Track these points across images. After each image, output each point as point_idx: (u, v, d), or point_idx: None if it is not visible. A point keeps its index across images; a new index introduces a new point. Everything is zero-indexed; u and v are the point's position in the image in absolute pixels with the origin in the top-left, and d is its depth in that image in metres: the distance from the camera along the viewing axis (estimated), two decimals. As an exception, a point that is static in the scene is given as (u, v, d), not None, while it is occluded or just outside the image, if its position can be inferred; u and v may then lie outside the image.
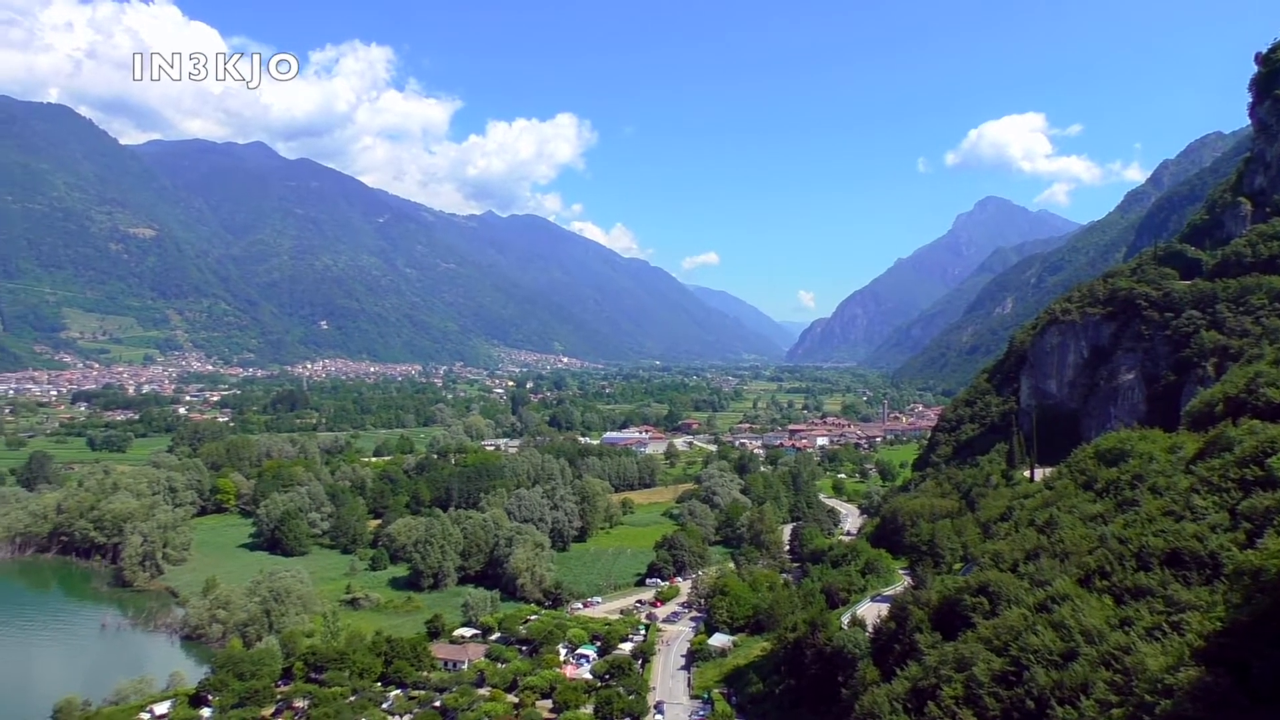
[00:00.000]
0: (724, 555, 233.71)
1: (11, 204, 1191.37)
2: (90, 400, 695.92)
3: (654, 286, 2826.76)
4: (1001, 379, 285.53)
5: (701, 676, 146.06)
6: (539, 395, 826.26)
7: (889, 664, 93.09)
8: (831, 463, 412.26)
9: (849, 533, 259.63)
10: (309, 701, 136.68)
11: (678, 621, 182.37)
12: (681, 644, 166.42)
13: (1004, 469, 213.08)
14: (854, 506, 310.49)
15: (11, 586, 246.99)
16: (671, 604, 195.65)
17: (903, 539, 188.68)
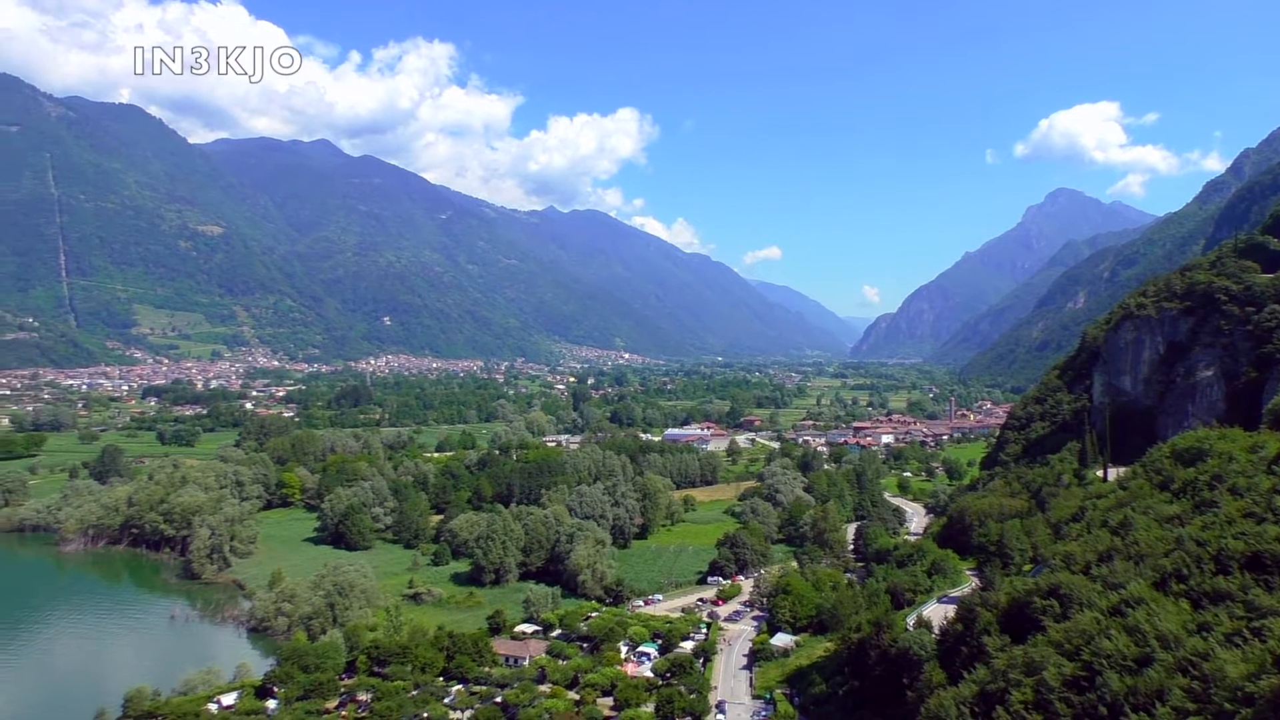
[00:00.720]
0: (786, 554, 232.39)
1: (85, 202, 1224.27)
2: (160, 395, 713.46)
3: (716, 282, 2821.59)
4: (1073, 376, 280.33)
5: (764, 676, 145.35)
6: (600, 391, 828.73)
7: (956, 667, 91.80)
8: (897, 461, 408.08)
9: (914, 532, 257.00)
10: (372, 695, 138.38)
11: (739, 620, 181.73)
12: (743, 643, 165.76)
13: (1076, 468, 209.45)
14: (920, 506, 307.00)
15: (85, 577, 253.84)
16: (733, 603, 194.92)
17: (970, 539, 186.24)
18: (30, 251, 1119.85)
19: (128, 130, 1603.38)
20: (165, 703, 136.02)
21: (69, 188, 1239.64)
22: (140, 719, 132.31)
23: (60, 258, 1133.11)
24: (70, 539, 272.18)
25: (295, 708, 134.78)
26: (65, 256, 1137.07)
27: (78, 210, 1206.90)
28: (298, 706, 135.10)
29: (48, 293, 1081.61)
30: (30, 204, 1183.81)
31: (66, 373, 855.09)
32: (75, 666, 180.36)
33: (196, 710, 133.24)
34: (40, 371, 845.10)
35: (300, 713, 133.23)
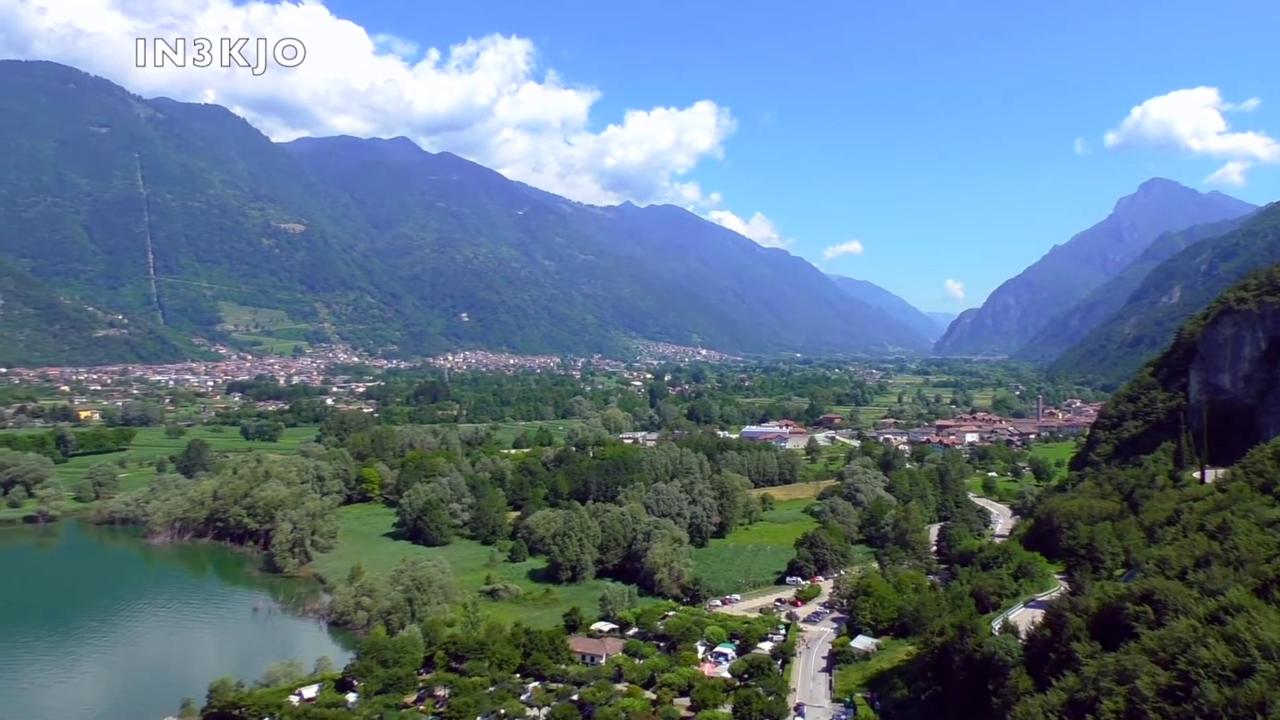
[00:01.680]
0: (867, 555, 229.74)
1: (172, 201, 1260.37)
2: (244, 391, 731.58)
3: (794, 277, 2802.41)
4: (1168, 373, 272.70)
5: (843, 679, 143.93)
6: (677, 388, 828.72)
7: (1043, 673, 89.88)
8: (981, 460, 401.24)
9: (1000, 534, 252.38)
10: (449, 690, 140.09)
11: (819, 622, 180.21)
12: (823, 645, 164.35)
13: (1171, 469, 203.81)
14: (1005, 506, 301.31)
15: (172, 570, 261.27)
16: (812, 604, 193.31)
17: (1059, 542, 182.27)
18: (120, 250, 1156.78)
19: (213, 130, 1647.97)
20: (248, 694, 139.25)
21: (157, 187, 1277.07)
22: (224, 710, 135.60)
23: (149, 256, 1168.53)
24: (158, 531, 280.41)
25: (374, 701, 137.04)
26: (153, 255, 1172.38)
27: (165, 209, 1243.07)
28: (377, 700, 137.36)
29: (137, 290, 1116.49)
30: (120, 203, 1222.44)
31: (155, 368, 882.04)
32: (162, 656, 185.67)
33: (278, 702, 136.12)
34: (130, 367, 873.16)
35: (379, 706, 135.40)
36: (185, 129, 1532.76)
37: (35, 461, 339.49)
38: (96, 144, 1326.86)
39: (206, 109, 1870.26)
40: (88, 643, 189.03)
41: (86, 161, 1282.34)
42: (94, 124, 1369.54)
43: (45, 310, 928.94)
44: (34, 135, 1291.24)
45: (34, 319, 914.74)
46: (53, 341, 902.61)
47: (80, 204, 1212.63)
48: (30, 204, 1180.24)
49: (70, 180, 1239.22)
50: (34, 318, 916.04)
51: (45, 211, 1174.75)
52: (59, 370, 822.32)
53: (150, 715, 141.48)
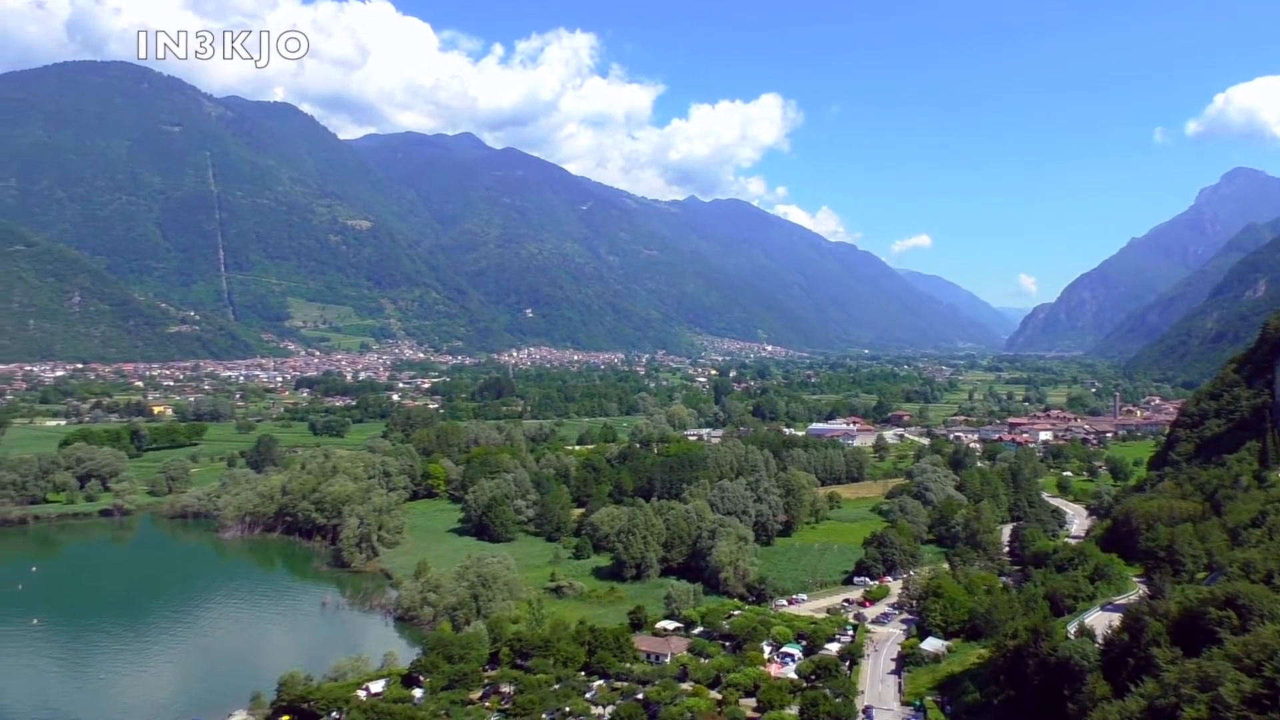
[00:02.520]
0: (937, 555, 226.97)
1: (242, 199, 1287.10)
2: (312, 386, 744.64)
3: (862, 271, 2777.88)
4: (1253, 370, 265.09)
5: (913, 682, 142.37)
6: (742, 384, 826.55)
7: (1121, 679, 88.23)
8: (1056, 459, 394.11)
9: (1075, 535, 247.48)
10: (515, 687, 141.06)
11: (887, 623, 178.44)
12: (891, 647, 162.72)
13: (1255, 469, 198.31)
14: (1081, 507, 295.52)
15: (242, 563, 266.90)
16: (881, 604, 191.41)
17: (1137, 543, 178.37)
18: (192, 247, 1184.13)
19: (281, 128, 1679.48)
20: (316, 688, 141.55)
21: (227, 185, 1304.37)
22: (293, 703, 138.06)
23: (219, 253, 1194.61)
24: (228, 526, 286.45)
25: (440, 697, 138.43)
26: (224, 252, 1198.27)
27: (235, 206, 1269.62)
28: (443, 696, 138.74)
29: (208, 287, 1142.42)
30: (192, 201, 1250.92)
31: (225, 364, 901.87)
32: (233, 648, 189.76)
33: (346, 697, 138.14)
34: (201, 363, 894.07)
35: (445, 702, 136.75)
36: (255, 127, 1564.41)
37: (111, 456, 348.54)
38: (169, 142, 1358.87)
39: (275, 107, 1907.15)
40: (161, 635, 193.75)
41: (159, 160, 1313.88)
42: (167, 123, 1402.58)
43: (120, 307, 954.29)
44: (109, 135, 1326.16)
45: (109, 315, 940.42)
46: (127, 338, 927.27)
47: (154, 202, 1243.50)
48: (105, 202, 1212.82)
49: (144, 179, 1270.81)
50: (109, 314, 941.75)
51: (120, 210, 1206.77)
52: (133, 366, 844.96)
53: (221, 707, 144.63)
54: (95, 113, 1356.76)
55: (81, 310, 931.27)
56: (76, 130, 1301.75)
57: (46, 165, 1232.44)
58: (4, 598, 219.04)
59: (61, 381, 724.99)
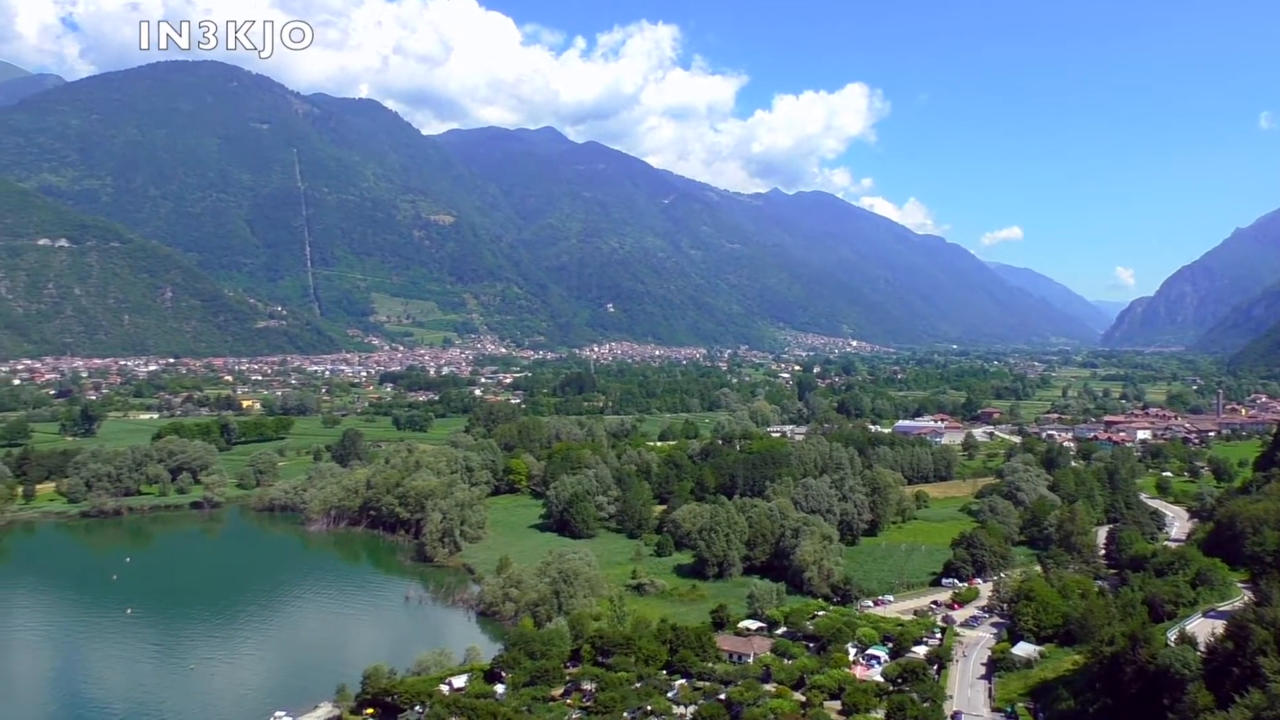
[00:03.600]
0: (1028, 557, 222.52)
1: (328, 195, 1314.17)
2: (395, 381, 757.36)
3: (950, 265, 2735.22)
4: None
5: (1004, 688, 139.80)
6: (826, 380, 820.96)
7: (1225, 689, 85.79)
8: (1154, 459, 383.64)
9: (1175, 538, 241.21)
10: (596, 685, 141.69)
11: (977, 626, 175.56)
12: (981, 651, 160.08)
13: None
14: (1181, 509, 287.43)
15: (328, 556, 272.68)
16: (970, 607, 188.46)
17: (1242, 548, 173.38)
18: (279, 243, 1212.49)
19: (366, 124, 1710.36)
20: (400, 681, 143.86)
21: (314, 181, 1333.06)
22: (377, 696, 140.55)
23: (306, 249, 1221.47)
24: (314, 519, 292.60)
25: (522, 693, 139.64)
26: (310, 247, 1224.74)
27: (321, 202, 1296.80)
28: (524, 692, 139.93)
29: (295, 282, 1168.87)
30: (279, 198, 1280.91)
31: (311, 359, 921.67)
32: (318, 641, 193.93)
33: (429, 691, 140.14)
34: (288, 358, 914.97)
35: (527, 699, 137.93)
36: (340, 124, 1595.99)
37: (201, 449, 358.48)
38: (257, 140, 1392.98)
39: (360, 103, 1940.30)
40: (249, 626, 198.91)
41: (248, 157, 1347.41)
42: (255, 120, 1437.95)
43: (210, 302, 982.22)
44: (200, 133, 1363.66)
45: (200, 311, 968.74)
46: (217, 333, 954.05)
47: (242, 199, 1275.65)
48: (197, 199, 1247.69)
49: (233, 176, 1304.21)
50: (200, 309, 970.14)
51: (210, 207, 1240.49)
52: (223, 360, 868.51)
53: (307, 699, 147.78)
54: (187, 112, 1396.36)
55: (174, 306, 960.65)
56: (169, 129, 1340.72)
57: (141, 164, 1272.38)
58: (100, 588, 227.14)
59: (154, 376, 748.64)
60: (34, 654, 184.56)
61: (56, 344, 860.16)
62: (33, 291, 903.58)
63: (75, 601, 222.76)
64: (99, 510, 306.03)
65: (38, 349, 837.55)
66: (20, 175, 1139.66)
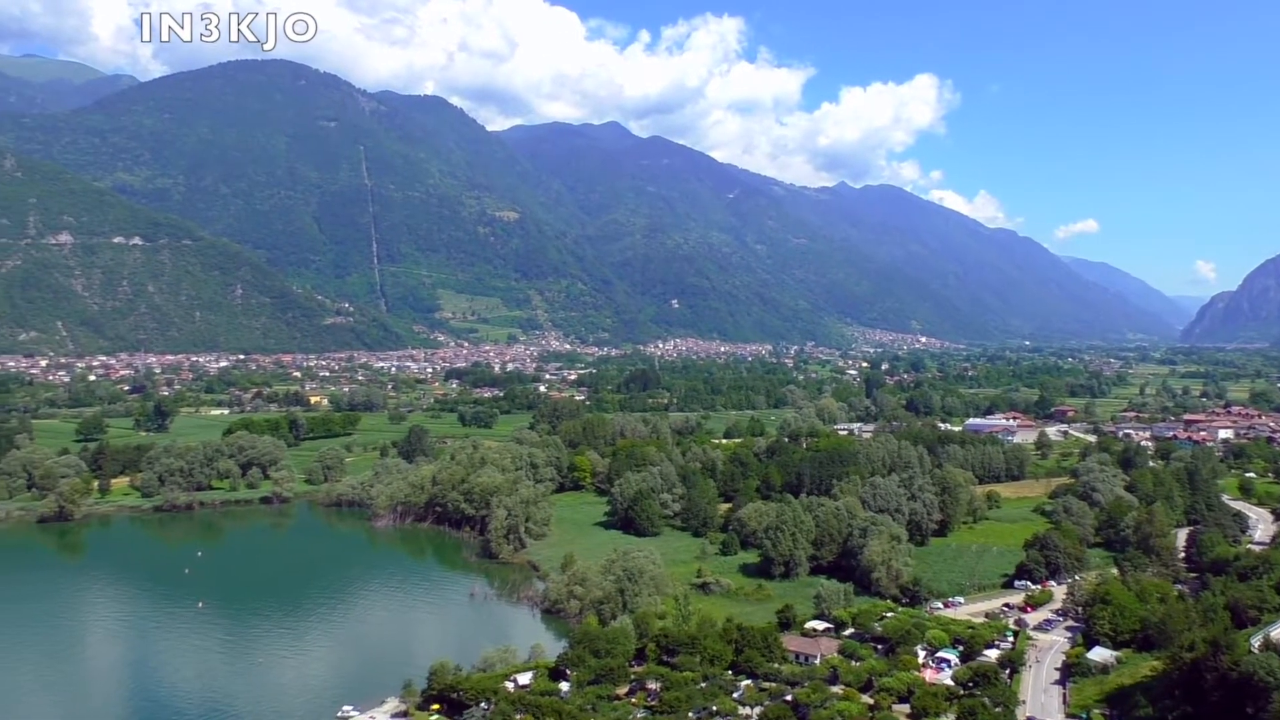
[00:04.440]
0: (1105, 559, 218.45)
1: (394, 192, 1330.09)
2: (461, 378, 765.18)
3: (1023, 259, 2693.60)
4: None
5: (1079, 694, 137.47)
6: (895, 377, 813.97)
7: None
8: (1237, 459, 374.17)
9: (1259, 541, 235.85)
10: (661, 684, 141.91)
11: (1051, 630, 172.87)
12: (1055, 655, 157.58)
13: None
14: (1265, 511, 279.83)
15: (394, 552, 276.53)
16: (1043, 610, 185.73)
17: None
18: (347, 240, 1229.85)
19: (432, 121, 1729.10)
20: (466, 678, 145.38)
21: (380, 178, 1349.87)
22: (443, 692, 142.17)
23: (373, 245, 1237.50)
24: (381, 515, 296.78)
25: (587, 691, 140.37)
26: (377, 244, 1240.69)
27: (388, 199, 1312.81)
28: (589, 690, 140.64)
29: (362, 279, 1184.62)
30: (347, 195, 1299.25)
31: (378, 355, 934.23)
32: (385, 636, 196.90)
33: (494, 687, 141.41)
34: (355, 354, 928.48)
35: (591, 697, 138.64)
36: (406, 120, 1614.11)
37: (271, 445, 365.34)
38: (325, 137, 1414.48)
39: (426, 100, 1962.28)
40: (317, 620, 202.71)
41: (316, 155, 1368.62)
42: (323, 118, 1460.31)
43: (279, 299, 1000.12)
44: (269, 131, 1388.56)
45: (269, 307, 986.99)
46: (286, 329, 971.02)
47: (310, 196, 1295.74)
48: (265, 197, 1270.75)
49: (301, 173, 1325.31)
50: (269, 306, 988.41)
51: (279, 204, 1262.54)
52: (292, 357, 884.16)
53: (373, 694, 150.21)
54: (256, 110, 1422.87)
55: (244, 302, 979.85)
56: (239, 128, 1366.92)
57: (211, 162, 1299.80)
58: (173, 581, 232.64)
59: (225, 372, 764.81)
60: (110, 645, 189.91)
61: (131, 340, 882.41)
62: (108, 289, 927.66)
63: (149, 594, 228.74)
64: (171, 505, 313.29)
65: (112, 345, 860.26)
66: (96, 175, 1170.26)
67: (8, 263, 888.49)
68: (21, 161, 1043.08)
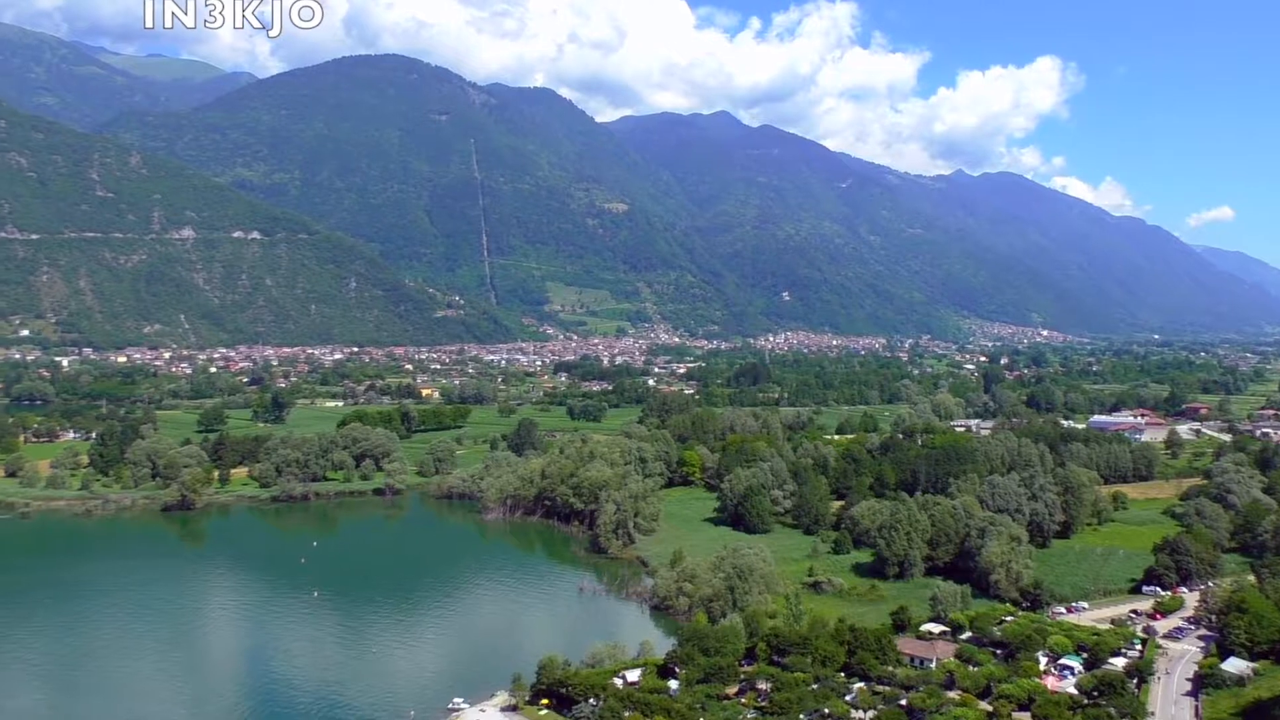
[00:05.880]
0: (1240, 565, 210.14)
1: (504, 184, 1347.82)
2: (570, 371, 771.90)
3: (1151, 248, 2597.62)
4: None
5: (1212, 707, 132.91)
6: (1014, 372, 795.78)
7: None
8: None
9: None
10: (771, 685, 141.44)
11: (1182, 639, 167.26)
12: (1186, 666, 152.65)
13: None
14: None
15: (503, 545, 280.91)
16: (1173, 617, 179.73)
17: None
18: (457, 233, 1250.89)
19: (541, 113, 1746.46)
20: (575, 673, 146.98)
21: (490, 171, 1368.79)
22: (552, 686, 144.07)
23: (482, 238, 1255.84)
24: (491, 508, 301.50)
25: (696, 690, 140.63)
26: (487, 237, 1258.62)
27: (498, 192, 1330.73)
28: (698, 689, 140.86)
29: (472, 272, 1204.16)
30: (457, 188, 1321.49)
31: (488, 348, 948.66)
32: (494, 629, 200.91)
33: (603, 684, 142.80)
34: (465, 347, 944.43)
35: (701, 696, 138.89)
36: (516, 113, 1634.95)
37: (384, 437, 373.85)
38: (436, 131, 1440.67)
39: (535, 92, 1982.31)
40: (428, 612, 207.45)
41: (428, 148, 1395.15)
42: (434, 112, 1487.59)
43: (391, 292, 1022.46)
44: (382, 125, 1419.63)
45: (382, 300, 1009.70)
46: (398, 322, 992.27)
47: (422, 189, 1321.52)
48: (378, 191, 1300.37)
49: (413, 167, 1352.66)
50: (382, 299, 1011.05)
51: (391, 198, 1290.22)
52: (404, 349, 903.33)
53: (483, 687, 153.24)
54: (370, 104, 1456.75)
55: (357, 295, 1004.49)
56: (353, 122, 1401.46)
57: (326, 157, 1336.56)
58: (289, 570, 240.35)
59: (339, 364, 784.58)
60: (230, 631, 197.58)
61: (249, 333, 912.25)
62: (228, 282, 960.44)
63: (267, 582, 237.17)
64: (288, 495, 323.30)
65: (232, 338, 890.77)
66: (216, 170, 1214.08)
67: (134, 257, 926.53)
68: (147, 159, 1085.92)
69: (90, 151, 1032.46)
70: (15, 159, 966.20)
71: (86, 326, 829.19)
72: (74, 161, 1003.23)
